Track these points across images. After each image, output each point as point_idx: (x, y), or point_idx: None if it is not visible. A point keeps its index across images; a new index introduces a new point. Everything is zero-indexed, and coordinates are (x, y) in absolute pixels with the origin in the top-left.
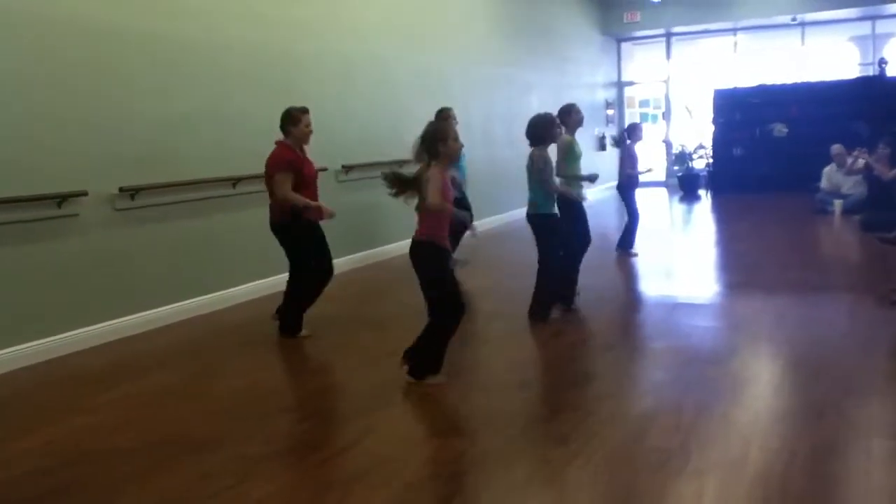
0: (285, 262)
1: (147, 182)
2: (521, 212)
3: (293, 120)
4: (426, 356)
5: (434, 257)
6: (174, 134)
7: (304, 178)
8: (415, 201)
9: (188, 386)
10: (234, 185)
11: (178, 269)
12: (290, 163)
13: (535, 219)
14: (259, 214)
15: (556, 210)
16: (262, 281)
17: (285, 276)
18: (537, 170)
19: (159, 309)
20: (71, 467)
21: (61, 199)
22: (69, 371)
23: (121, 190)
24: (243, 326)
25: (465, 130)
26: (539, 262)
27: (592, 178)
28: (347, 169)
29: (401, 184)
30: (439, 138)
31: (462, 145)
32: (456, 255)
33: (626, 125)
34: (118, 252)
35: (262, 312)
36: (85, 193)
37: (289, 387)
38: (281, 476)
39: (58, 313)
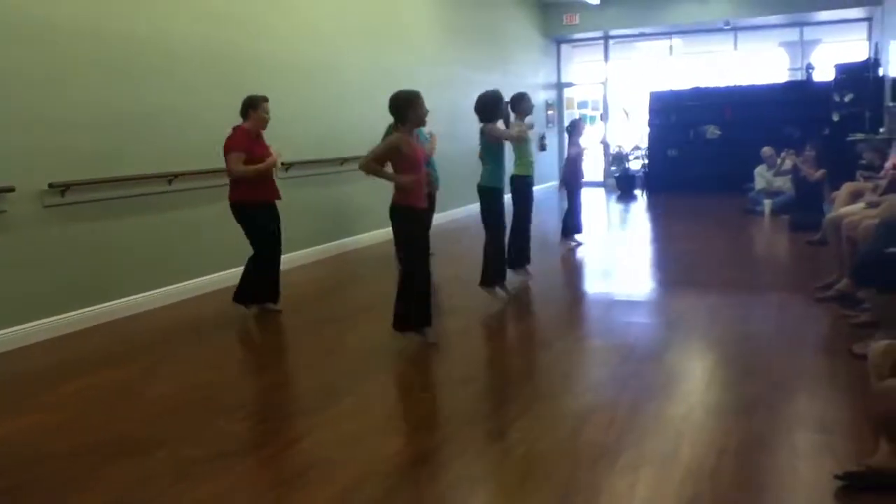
0: (223, 259)
1: (78, 178)
2: (467, 207)
3: (254, 104)
4: (404, 308)
5: (399, 219)
6: (109, 129)
7: (256, 161)
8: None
9: (128, 386)
10: (169, 182)
11: (110, 269)
12: (243, 143)
13: (479, 189)
14: (196, 212)
15: (498, 185)
16: (197, 280)
17: (225, 272)
18: (493, 138)
19: (92, 308)
20: (8, 471)
21: None
22: (2, 371)
23: (50, 186)
24: (184, 324)
25: None
26: (486, 233)
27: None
28: (287, 166)
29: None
30: (411, 104)
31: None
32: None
33: (566, 124)
34: (49, 250)
35: (203, 310)
36: (12, 189)
37: (233, 386)
38: (221, 476)
39: None
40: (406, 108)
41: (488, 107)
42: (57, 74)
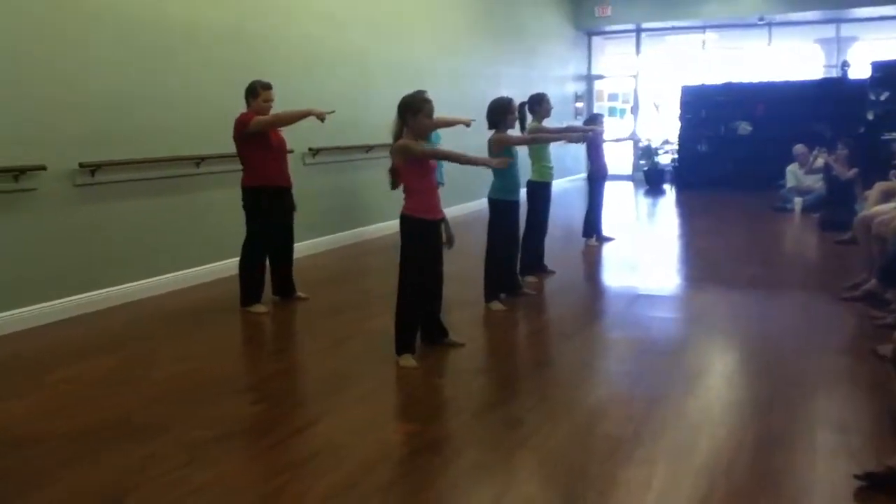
0: None
1: (108, 158)
2: (484, 200)
3: (253, 92)
4: (396, 332)
5: (407, 232)
6: (139, 111)
7: (270, 143)
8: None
9: (138, 368)
10: (197, 165)
11: (137, 249)
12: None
13: (490, 202)
14: (222, 195)
15: (512, 197)
16: (222, 262)
17: None
18: (497, 147)
19: (116, 287)
20: (6, 452)
21: (18, 172)
22: (14, 351)
23: (81, 165)
24: (202, 307)
25: None
26: (487, 245)
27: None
28: (314, 152)
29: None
30: (411, 110)
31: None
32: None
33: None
34: (77, 229)
35: (221, 294)
36: (44, 168)
37: (244, 370)
38: (227, 460)
39: (9, 290)
40: (405, 111)
41: (493, 115)
42: (86, 57)
